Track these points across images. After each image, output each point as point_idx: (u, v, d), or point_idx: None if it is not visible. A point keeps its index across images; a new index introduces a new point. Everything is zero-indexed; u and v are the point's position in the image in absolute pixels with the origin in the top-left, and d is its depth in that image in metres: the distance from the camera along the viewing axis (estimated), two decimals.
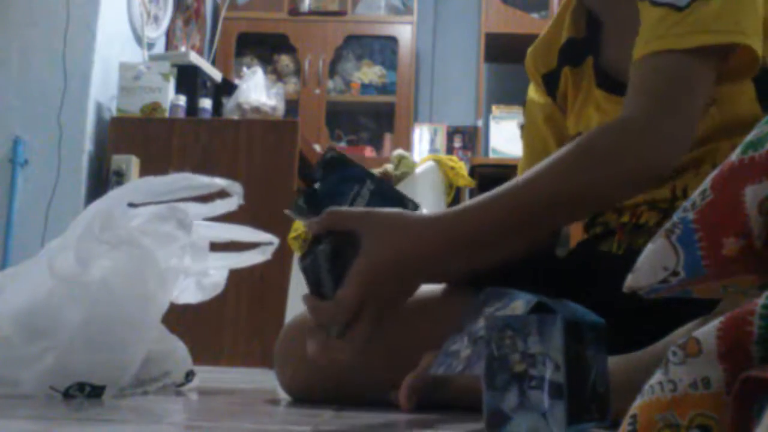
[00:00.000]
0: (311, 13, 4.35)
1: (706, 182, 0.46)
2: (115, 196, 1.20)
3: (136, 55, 3.13)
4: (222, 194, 1.27)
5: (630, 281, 0.49)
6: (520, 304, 0.70)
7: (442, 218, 0.88)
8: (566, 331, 0.67)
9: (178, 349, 1.31)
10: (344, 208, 0.87)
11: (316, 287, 0.85)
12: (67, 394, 1.09)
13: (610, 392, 0.74)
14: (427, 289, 1.15)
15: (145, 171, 2.75)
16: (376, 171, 2.52)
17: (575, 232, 3.59)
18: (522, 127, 1.29)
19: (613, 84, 1.10)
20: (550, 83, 1.20)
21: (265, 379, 1.87)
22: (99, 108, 2.90)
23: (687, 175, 1.03)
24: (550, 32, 1.22)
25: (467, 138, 4.50)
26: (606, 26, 1.15)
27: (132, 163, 2.74)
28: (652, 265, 0.47)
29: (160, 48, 3.46)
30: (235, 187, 1.26)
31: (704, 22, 0.90)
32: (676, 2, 0.92)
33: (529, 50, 1.24)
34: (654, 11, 0.94)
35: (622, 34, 1.11)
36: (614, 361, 0.81)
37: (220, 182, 1.24)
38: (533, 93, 1.24)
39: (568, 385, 0.66)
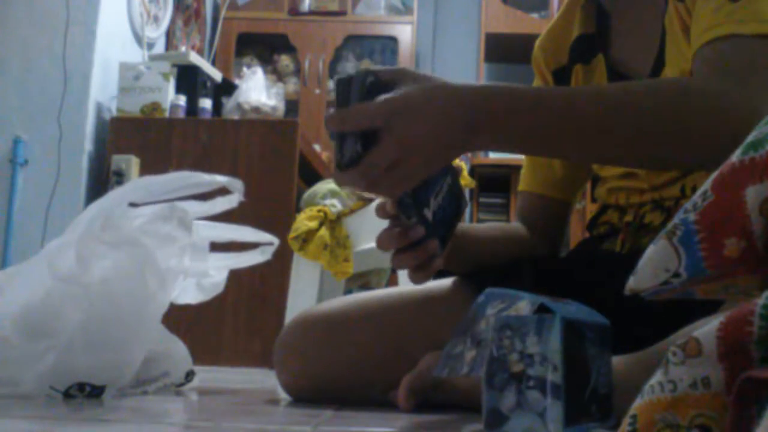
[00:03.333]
0: (311, 13, 4.35)
1: (707, 183, 0.46)
2: (115, 196, 1.20)
3: (136, 55, 3.13)
4: (222, 191, 1.28)
5: (631, 283, 0.49)
6: (524, 305, 0.70)
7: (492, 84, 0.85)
8: (565, 332, 0.67)
9: (178, 349, 1.31)
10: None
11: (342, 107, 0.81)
12: (67, 394, 1.09)
13: (614, 394, 0.74)
14: (428, 289, 1.15)
15: (145, 171, 2.75)
16: None
17: (575, 233, 3.59)
18: None
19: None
20: (561, 80, 1.19)
21: (265, 379, 1.88)
22: (99, 108, 2.90)
23: (697, 173, 1.02)
24: (558, 27, 1.20)
25: None
26: (615, 20, 1.14)
27: (132, 163, 2.74)
28: (654, 267, 0.47)
29: (160, 48, 3.46)
30: (236, 184, 1.26)
31: (761, 13, 0.89)
32: None
33: (537, 45, 1.22)
34: (708, 3, 0.93)
35: (631, 28, 1.11)
36: (616, 361, 0.81)
37: (220, 179, 1.24)
38: None
39: (566, 386, 0.66)
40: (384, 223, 0.92)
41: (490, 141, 0.85)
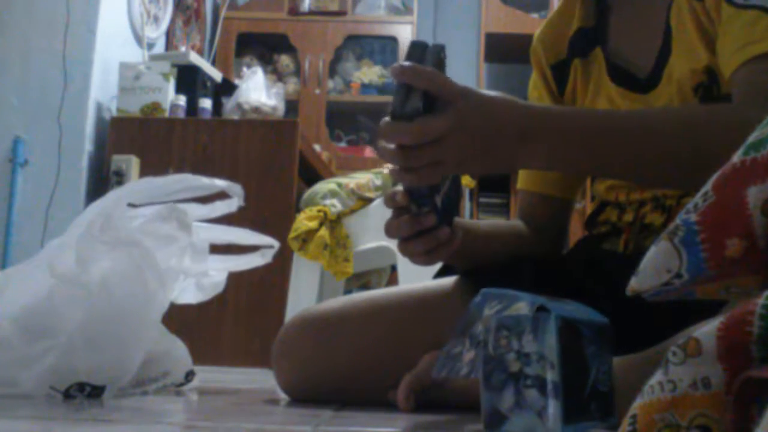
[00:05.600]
0: (311, 13, 4.35)
1: (708, 184, 0.46)
2: (115, 196, 1.20)
3: (136, 55, 3.13)
4: (222, 195, 1.27)
5: (633, 284, 0.49)
6: (523, 305, 0.70)
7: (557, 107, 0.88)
8: (561, 330, 0.67)
9: (178, 349, 1.31)
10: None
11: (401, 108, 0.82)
12: (67, 394, 1.09)
13: (615, 392, 0.74)
14: (427, 289, 1.15)
15: (145, 171, 2.75)
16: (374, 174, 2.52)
17: (575, 232, 3.59)
18: None
19: (624, 76, 1.09)
20: (560, 75, 1.18)
21: (265, 379, 1.87)
22: (99, 108, 2.90)
23: None
24: (557, 20, 1.19)
25: None
26: (615, 14, 1.13)
27: (132, 163, 2.74)
28: (656, 267, 0.47)
29: (160, 48, 3.46)
30: (236, 189, 1.26)
31: None
32: (765, 4, 0.90)
33: (536, 38, 1.22)
34: (742, 15, 0.92)
35: (631, 22, 1.11)
36: (617, 361, 0.81)
37: (220, 184, 1.24)
38: (534, 91, 1.21)
39: (564, 384, 0.66)
40: (381, 221, 0.93)
41: (540, 153, 0.86)
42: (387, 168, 2.51)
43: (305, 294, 2.45)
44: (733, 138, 0.83)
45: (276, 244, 1.35)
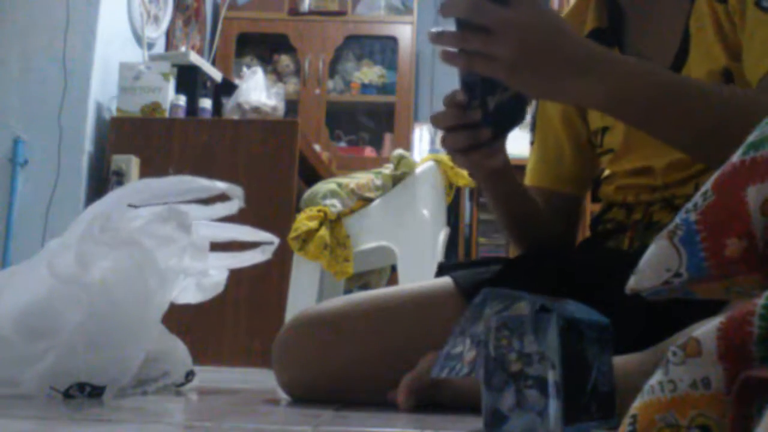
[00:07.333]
0: (311, 13, 4.35)
1: (708, 183, 0.46)
2: (115, 197, 1.20)
3: (136, 55, 3.13)
4: (223, 197, 1.28)
5: (632, 283, 0.49)
6: (524, 305, 0.70)
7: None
8: (563, 330, 0.67)
9: (178, 349, 1.31)
10: None
11: None
12: (67, 394, 1.09)
13: (615, 392, 0.74)
14: (427, 288, 1.15)
15: (145, 171, 2.75)
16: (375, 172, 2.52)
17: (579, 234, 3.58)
18: (533, 125, 1.25)
19: None
20: None
21: (265, 379, 1.87)
22: (99, 108, 2.90)
23: (712, 172, 1.01)
24: (571, 20, 1.19)
25: None
26: (630, 15, 1.13)
27: (132, 163, 2.74)
28: (655, 266, 0.47)
29: (160, 48, 3.46)
30: (236, 191, 1.26)
31: None
32: None
33: None
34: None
35: (648, 24, 1.11)
36: (618, 361, 0.81)
37: (220, 185, 1.24)
38: None
39: (565, 384, 0.66)
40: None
41: (601, 91, 0.86)
42: (443, 51, 2.51)
43: (305, 294, 2.45)
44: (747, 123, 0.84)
45: (275, 239, 1.35)
